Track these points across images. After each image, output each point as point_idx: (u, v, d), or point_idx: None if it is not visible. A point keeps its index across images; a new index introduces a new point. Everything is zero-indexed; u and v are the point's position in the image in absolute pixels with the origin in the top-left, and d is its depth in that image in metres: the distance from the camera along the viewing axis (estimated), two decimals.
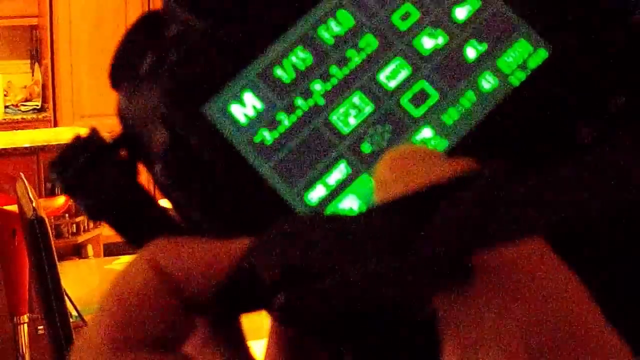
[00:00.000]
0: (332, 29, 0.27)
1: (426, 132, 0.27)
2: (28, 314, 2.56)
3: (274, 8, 0.27)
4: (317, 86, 0.27)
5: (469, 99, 0.27)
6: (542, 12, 0.28)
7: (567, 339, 0.18)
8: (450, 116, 0.27)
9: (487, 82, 0.28)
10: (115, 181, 0.26)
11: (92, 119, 4.77)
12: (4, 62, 4.94)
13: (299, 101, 0.27)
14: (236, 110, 0.26)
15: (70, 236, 3.68)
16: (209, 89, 0.27)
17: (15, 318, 2.52)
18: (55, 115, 4.90)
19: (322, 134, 0.26)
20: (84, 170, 0.26)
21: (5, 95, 4.89)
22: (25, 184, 1.99)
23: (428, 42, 0.28)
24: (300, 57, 0.27)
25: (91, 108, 4.98)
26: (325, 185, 0.26)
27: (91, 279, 2.66)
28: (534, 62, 0.28)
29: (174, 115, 0.26)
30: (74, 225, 3.71)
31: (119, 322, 0.22)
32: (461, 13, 0.28)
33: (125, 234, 0.26)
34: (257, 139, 0.26)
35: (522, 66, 0.28)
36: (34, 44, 5.10)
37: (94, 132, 0.27)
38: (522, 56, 0.28)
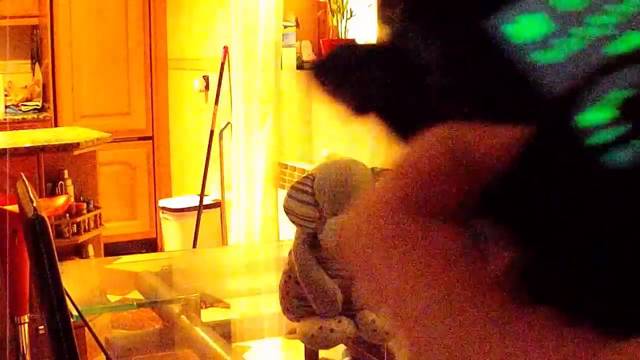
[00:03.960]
0: None
1: None
2: (28, 314, 2.56)
3: None
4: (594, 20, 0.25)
5: None
6: None
7: None
8: None
9: None
10: (383, 76, 0.26)
11: (93, 119, 4.77)
12: (4, 62, 4.94)
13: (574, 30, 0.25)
14: (513, 30, 0.25)
15: (70, 236, 3.69)
16: (487, 6, 0.26)
17: (15, 318, 2.52)
18: (56, 115, 4.91)
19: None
20: (349, 68, 0.26)
21: (5, 95, 4.90)
22: (26, 184, 1.99)
23: None
24: None
25: (91, 108, 4.98)
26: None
27: (92, 279, 2.66)
28: None
29: (451, 28, 0.25)
30: (75, 225, 3.71)
31: (411, 186, 0.22)
32: None
33: (394, 125, 0.26)
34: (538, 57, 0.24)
35: None
36: (34, 44, 5.11)
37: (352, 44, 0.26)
38: None
